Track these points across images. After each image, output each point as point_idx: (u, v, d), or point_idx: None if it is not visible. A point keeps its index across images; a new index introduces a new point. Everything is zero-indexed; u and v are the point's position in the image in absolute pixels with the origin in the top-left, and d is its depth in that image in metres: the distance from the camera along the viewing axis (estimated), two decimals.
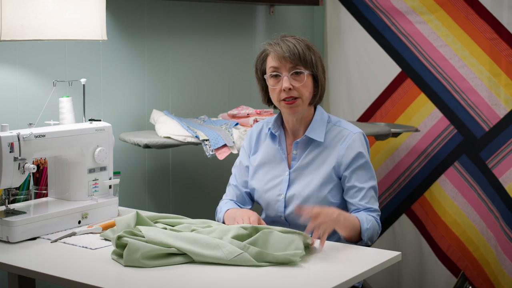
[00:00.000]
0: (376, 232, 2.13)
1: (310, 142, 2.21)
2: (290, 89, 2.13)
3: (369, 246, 2.15)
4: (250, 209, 2.29)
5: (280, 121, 2.28)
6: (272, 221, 2.25)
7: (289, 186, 2.21)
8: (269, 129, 2.28)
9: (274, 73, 2.16)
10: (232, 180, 2.35)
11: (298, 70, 2.13)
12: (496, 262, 3.33)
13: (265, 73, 2.20)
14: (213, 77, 3.31)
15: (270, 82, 2.18)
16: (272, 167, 2.26)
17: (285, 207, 2.21)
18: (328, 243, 2.02)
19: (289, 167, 2.23)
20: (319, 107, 2.25)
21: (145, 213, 2.13)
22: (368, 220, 2.10)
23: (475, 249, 3.42)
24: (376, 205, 2.17)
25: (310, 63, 2.14)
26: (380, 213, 2.17)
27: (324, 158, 2.19)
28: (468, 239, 3.43)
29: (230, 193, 2.34)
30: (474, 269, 3.43)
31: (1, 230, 1.99)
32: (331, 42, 3.77)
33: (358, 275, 1.76)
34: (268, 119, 2.34)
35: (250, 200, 2.33)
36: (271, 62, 2.17)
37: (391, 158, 3.62)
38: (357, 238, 2.10)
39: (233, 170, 2.37)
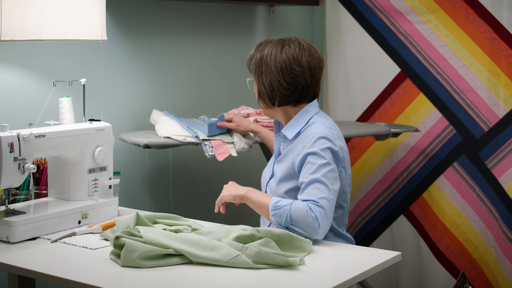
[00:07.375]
0: (302, 217, 1.95)
1: (285, 138, 2.24)
2: None
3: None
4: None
5: None
6: None
7: (272, 176, 2.26)
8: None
9: None
10: None
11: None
12: (495, 263, 3.33)
13: None
14: (213, 77, 3.31)
15: None
16: (272, 157, 2.34)
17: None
18: (327, 243, 2.02)
19: None
20: (310, 110, 2.22)
21: (144, 213, 2.13)
22: (284, 202, 1.99)
23: (474, 249, 3.42)
24: (316, 196, 1.98)
25: (252, 70, 2.28)
26: (320, 204, 1.95)
27: (289, 155, 2.19)
28: (467, 240, 3.43)
29: None
30: (473, 270, 3.43)
31: (1, 230, 1.99)
32: (330, 42, 3.77)
33: (358, 275, 1.76)
34: None
35: None
36: None
37: (389, 159, 3.62)
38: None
39: None
